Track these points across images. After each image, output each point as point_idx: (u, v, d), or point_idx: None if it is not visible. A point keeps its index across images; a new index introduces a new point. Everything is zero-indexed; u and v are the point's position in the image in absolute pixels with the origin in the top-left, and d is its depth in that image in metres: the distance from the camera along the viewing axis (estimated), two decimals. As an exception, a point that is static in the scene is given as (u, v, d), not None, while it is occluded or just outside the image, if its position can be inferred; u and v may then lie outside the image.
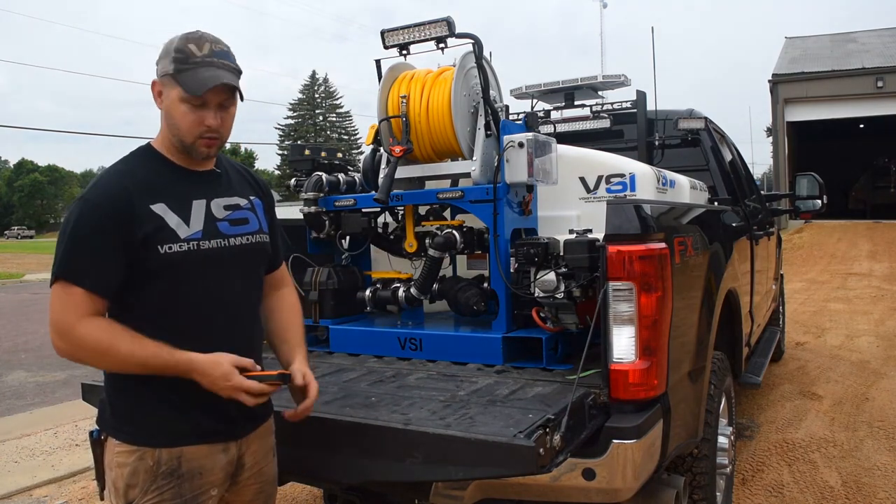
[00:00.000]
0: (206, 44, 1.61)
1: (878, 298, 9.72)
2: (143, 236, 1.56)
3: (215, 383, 1.57)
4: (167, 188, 1.63)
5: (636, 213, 2.04)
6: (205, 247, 1.64)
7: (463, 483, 2.01)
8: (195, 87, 1.57)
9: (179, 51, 1.59)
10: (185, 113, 1.60)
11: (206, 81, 1.57)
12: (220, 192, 1.73)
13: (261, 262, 1.81)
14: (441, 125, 2.71)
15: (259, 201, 1.83)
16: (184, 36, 1.62)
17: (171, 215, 1.61)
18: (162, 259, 1.58)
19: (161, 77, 1.62)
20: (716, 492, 2.73)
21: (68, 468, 4.24)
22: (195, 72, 1.58)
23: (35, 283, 19.65)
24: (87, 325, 1.52)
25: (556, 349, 2.49)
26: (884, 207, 21.53)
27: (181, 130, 1.62)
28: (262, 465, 1.80)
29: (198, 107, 1.60)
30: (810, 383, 5.48)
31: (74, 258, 1.54)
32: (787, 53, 22.63)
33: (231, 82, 1.61)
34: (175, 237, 1.60)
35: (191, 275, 1.62)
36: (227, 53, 1.65)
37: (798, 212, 5.65)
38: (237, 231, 1.72)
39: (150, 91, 1.67)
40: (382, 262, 3.19)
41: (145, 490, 1.59)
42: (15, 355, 8.35)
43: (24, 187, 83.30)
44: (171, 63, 1.59)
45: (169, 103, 1.62)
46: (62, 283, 1.53)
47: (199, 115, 1.61)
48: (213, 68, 1.60)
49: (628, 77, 4.24)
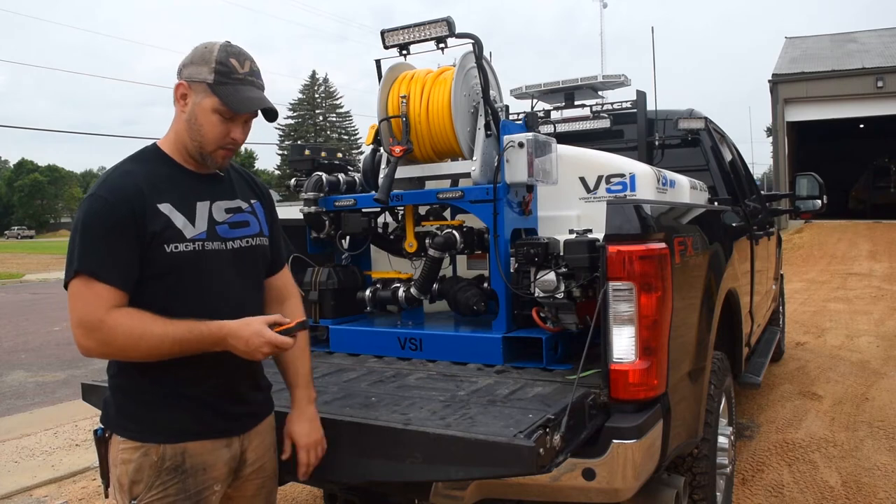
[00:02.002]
0: (247, 62, 1.67)
1: (878, 298, 9.72)
2: (152, 234, 1.58)
3: (250, 342, 1.59)
4: (173, 189, 1.65)
5: (636, 213, 2.04)
6: (209, 248, 1.66)
7: (463, 483, 2.01)
8: (238, 105, 1.63)
9: (222, 63, 1.63)
10: (214, 123, 1.64)
11: (250, 102, 1.64)
12: (222, 194, 1.75)
13: (260, 264, 1.83)
14: (441, 125, 2.71)
15: (260, 205, 1.85)
16: (224, 48, 1.65)
17: (178, 215, 1.63)
18: (168, 258, 1.59)
19: (192, 82, 1.64)
20: (716, 492, 2.73)
21: (68, 468, 4.24)
22: (237, 88, 1.63)
23: (35, 283, 19.66)
24: (116, 316, 1.52)
25: (556, 349, 2.48)
26: (884, 207, 21.52)
27: (206, 138, 1.65)
28: (263, 461, 1.81)
29: (228, 120, 1.65)
30: (810, 383, 5.48)
31: (94, 253, 1.54)
32: (787, 53, 22.63)
33: (272, 106, 1.68)
34: (181, 237, 1.62)
35: (194, 275, 1.63)
36: (260, 73, 1.71)
37: (798, 212, 5.65)
38: (236, 234, 1.74)
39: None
40: (382, 262, 3.19)
41: (150, 486, 1.60)
42: (15, 355, 8.35)
43: (24, 187, 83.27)
44: (212, 74, 1.62)
45: (198, 110, 1.64)
46: (84, 279, 1.52)
47: (228, 127, 1.66)
48: (255, 88, 1.67)
49: (628, 77, 4.24)
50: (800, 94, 20.15)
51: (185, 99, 1.65)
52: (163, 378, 1.61)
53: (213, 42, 1.67)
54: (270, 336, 1.60)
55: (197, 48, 1.67)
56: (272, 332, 1.61)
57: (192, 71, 1.64)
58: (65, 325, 10.41)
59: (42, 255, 34.68)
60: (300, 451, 1.84)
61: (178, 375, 1.62)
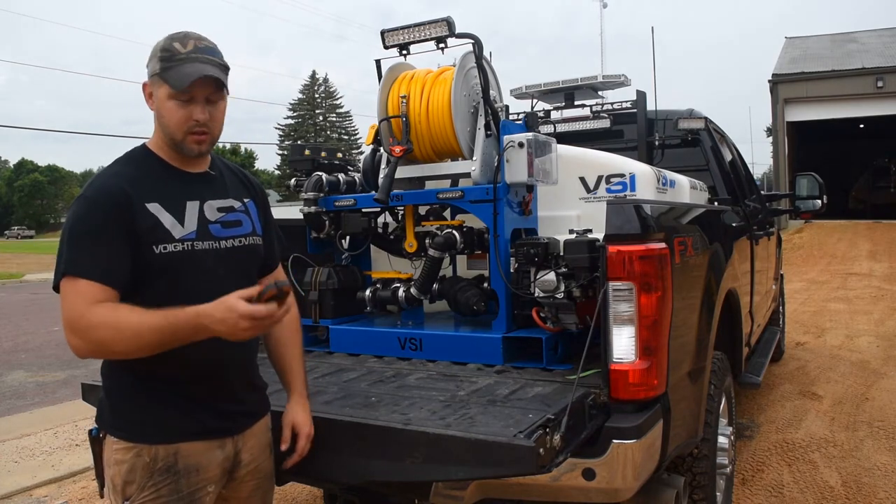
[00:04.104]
0: (191, 41, 1.64)
1: (878, 298, 9.72)
2: (140, 234, 1.57)
3: (225, 320, 1.47)
4: (161, 188, 1.65)
5: (636, 213, 2.03)
6: (199, 248, 1.65)
7: (463, 483, 2.01)
8: (179, 82, 1.60)
9: (165, 49, 1.63)
10: (173, 109, 1.63)
11: (189, 75, 1.60)
12: (213, 193, 1.74)
13: (253, 263, 1.82)
14: (441, 125, 2.71)
15: (253, 203, 1.84)
16: (168, 36, 1.66)
17: (166, 215, 1.62)
18: (157, 259, 1.59)
19: (150, 77, 1.66)
20: (716, 492, 2.73)
21: (68, 468, 4.24)
22: (180, 68, 1.61)
23: (35, 283, 19.65)
24: (95, 310, 1.51)
25: (556, 349, 2.48)
26: (884, 207, 21.50)
27: (171, 127, 1.65)
28: (259, 462, 1.80)
29: (185, 102, 1.62)
30: (810, 383, 5.48)
31: (77, 253, 1.54)
32: (787, 53, 22.63)
33: (214, 74, 1.62)
34: (170, 237, 1.61)
35: (186, 275, 1.63)
36: (213, 49, 1.67)
37: (798, 212, 5.65)
38: (229, 233, 1.73)
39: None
40: (382, 262, 3.19)
41: (142, 486, 1.60)
42: (15, 355, 8.35)
43: (24, 187, 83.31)
44: (158, 62, 1.62)
45: (158, 102, 1.65)
46: (69, 280, 1.53)
47: (188, 110, 1.63)
48: (198, 63, 1.62)
49: (628, 77, 4.24)
50: (800, 94, 20.14)
51: (151, 97, 1.67)
52: (155, 378, 1.61)
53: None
54: (244, 308, 1.46)
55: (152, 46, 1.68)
56: (245, 304, 1.46)
57: (150, 67, 1.66)
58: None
59: (42, 255, 34.66)
60: (301, 439, 1.83)
61: (170, 376, 1.61)
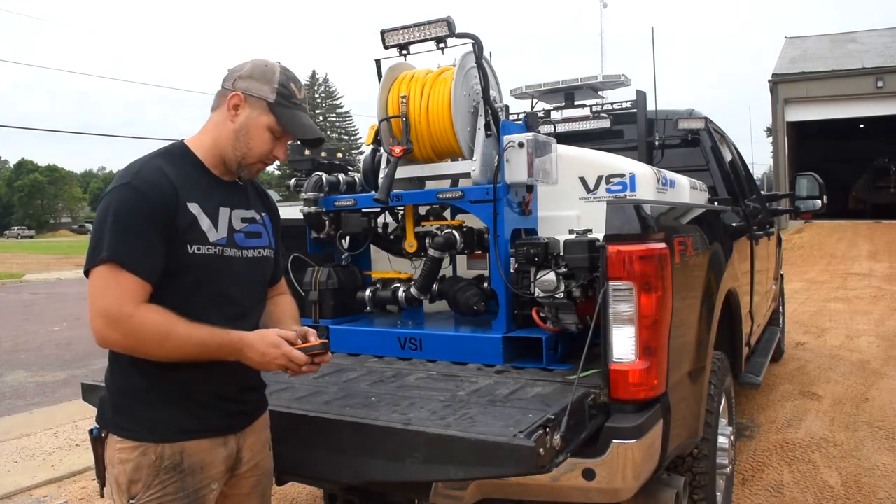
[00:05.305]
0: (302, 89, 1.77)
1: (878, 298, 9.72)
2: (179, 231, 1.58)
3: (266, 354, 1.61)
4: (200, 191, 1.66)
5: (636, 213, 2.04)
6: (227, 254, 1.68)
7: (463, 483, 2.01)
8: (297, 131, 1.73)
9: (284, 86, 1.71)
10: (265, 140, 1.72)
11: (307, 129, 1.75)
12: (241, 203, 1.78)
13: (266, 275, 1.85)
14: (441, 125, 2.71)
15: (269, 218, 1.88)
16: (284, 71, 1.73)
17: (204, 217, 1.64)
18: (189, 258, 1.60)
19: (250, 97, 1.69)
20: (716, 492, 2.73)
21: (68, 468, 4.24)
22: (294, 113, 1.73)
23: (35, 283, 19.65)
24: (145, 311, 1.51)
25: (556, 349, 2.48)
26: (884, 207, 21.48)
27: (252, 151, 1.71)
28: (259, 459, 1.82)
29: (276, 139, 1.74)
30: (810, 383, 5.48)
31: (126, 243, 1.52)
32: (787, 53, 22.62)
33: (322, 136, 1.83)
34: (205, 239, 1.63)
35: (210, 278, 1.65)
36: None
37: (798, 212, 5.65)
38: (250, 244, 1.76)
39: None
40: (382, 262, 3.19)
41: (148, 485, 1.60)
42: (15, 355, 8.35)
43: (24, 187, 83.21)
44: (273, 94, 1.69)
45: (252, 124, 1.70)
46: (111, 268, 1.51)
47: (274, 145, 1.74)
48: (307, 116, 1.79)
49: (628, 77, 4.24)
50: (800, 94, 20.13)
51: (237, 110, 1.69)
52: (161, 378, 1.61)
53: (272, 62, 1.74)
54: (287, 350, 1.63)
55: (256, 64, 1.72)
56: (289, 347, 1.63)
57: (251, 86, 1.69)
58: (65, 325, 10.42)
59: (42, 255, 34.68)
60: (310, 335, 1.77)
61: (176, 375, 1.61)
